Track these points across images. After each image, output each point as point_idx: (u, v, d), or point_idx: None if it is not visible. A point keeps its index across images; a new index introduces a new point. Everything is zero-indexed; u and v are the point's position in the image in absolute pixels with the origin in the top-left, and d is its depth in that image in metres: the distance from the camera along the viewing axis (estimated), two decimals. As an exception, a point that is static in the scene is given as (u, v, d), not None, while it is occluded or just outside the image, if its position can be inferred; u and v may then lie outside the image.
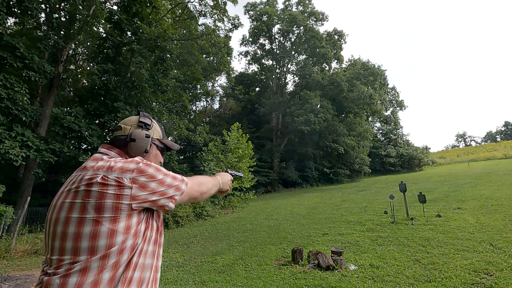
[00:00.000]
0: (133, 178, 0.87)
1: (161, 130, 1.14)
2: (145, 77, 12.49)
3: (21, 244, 6.76)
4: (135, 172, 0.88)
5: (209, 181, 1.15)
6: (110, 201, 0.83)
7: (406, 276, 3.82)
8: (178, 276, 4.55)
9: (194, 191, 1.03)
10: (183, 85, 21.59)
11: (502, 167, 19.46)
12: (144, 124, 1.06)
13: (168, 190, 0.93)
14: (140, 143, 1.03)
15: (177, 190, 0.96)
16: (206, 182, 1.13)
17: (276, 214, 10.92)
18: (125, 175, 0.87)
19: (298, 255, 4.78)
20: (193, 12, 16.84)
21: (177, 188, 0.96)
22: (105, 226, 0.82)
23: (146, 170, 0.90)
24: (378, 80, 31.47)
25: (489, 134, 69.90)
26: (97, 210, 0.82)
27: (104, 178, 0.85)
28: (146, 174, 0.90)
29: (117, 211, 0.83)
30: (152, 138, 1.08)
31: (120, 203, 0.84)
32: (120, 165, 0.89)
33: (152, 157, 1.09)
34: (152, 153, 1.09)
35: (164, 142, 1.14)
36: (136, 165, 0.90)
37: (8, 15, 8.71)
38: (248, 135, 16.79)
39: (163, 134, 1.14)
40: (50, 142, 9.53)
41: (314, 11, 28.95)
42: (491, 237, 5.22)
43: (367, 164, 27.95)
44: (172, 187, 0.95)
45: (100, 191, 0.84)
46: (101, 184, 0.85)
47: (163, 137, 1.14)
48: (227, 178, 1.32)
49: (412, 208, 8.66)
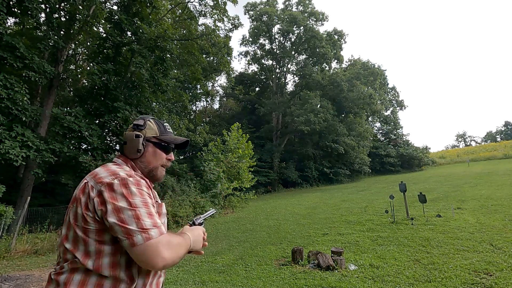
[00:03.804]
0: (100, 191, 0.86)
1: (158, 128, 1.08)
2: (145, 77, 12.49)
3: (21, 244, 6.76)
4: (105, 185, 0.86)
5: (179, 243, 0.92)
6: (80, 210, 0.87)
7: (406, 276, 3.82)
8: (178, 276, 4.55)
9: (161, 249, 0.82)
10: (183, 85, 21.60)
11: (502, 167, 19.46)
12: (136, 125, 1.06)
13: (129, 221, 0.82)
14: (131, 144, 1.03)
15: (142, 230, 0.82)
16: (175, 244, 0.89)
17: (276, 214, 10.92)
18: (97, 186, 0.88)
19: (298, 255, 4.78)
20: (193, 12, 16.84)
21: (142, 228, 0.82)
22: (79, 234, 0.87)
23: (116, 188, 0.86)
24: (378, 80, 31.48)
25: (489, 134, 69.85)
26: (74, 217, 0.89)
27: (85, 185, 0.91)
28: (114, 192, 0.85)
29: (85, 222, 0.86)
30: (146, 137, 1.05)
31: (86, 213, 0.86)
32: (100, 175, 0.91)
33: (150, 156, 1.05)
34: (149, 151, 1.05)
35: (161, 138, 1.07)
36: (112, 180, 0.87)
37: (8, 15, 8.70)
38: (248, 135, 16.83)
39: (160, 131, 1.08)
40: (50, 142, 9.53)
41: (314, 11, 28.95)
42: (491, 237, 5.22)
43: (367, 164, 27.95)
44: (139, 220, 0.83)
45: (78, 198, 0.90)
46: (81, 191, 0.90)
47: (161, 134, 1.08)
48: (198, 233, 1.07)
49: (412, 208, 8.66)
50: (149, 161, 1.05)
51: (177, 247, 0.89)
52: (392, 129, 36.86)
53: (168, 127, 1.14)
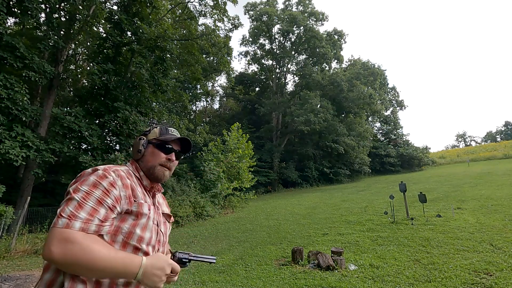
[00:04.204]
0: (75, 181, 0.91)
1: (159, 131, 1.14)
2: (145, 77, 12.49)
3: (21, 244, 6.75)
4: (81, 176, 0.91)
5: (99, 255, 0.77)
6: None
7: (406, 276, 3.82)
8: (178, 276, 4.55)
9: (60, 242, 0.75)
10: (183, 85, 21.61)
11: (502, 167, 19.46)
12: (143, 132, 1.17)
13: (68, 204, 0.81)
14: (134, 146, 1.12)
15: (70, 217, 0.78)
16: (89, 251, 0.76)
17: (276, 214, 10.91)
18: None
19: (298, 255, 4.78)
20: (193, 12, 16.84)
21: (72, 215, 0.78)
22: None
23: (86, 177, 0.89)
24: (378, 80, 31.47)
25: (489, 134, 69.85)
26: None
27: None
28: (82, 179, 0.88)
29: None
30: (148, 140, 1.12)
31: None
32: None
33: (149, 156, 1.10)
34: (148, 151, 1.11)
35: (160, 138, 1.12)
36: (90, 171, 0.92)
37: (8, 15, 8.70)
38: (248, 135, 16.83)
39: (160, 133, 1.14)
40: (50, 142, 9.53)
41: (314, 11, 28.95)
42: (491, 237, 5.22)
43: (367, 164, 27.95)
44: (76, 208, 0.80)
45: None
46: None
47: (161, 135, 1.13)
48: (160, 267, 0.88)
49: (412, 208, 8.66)
50: (148, 160, 1.10)
51: (89, 255, 0.76)
52: (392, 129, 36.86)
53: (173, 130, 1.17)
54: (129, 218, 0.93)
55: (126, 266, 0.82)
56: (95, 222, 0.81)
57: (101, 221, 0.83)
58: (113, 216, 0.88)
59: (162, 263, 0.90)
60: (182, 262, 1.03)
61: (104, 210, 0.85)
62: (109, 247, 0.83)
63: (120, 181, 0.93)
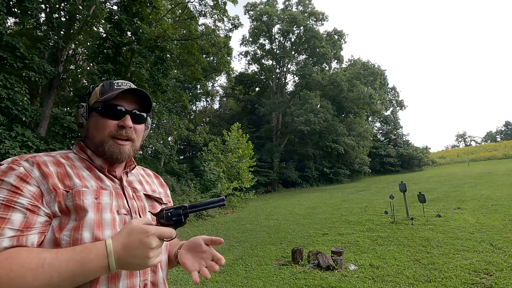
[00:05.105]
0: None
1: (101, 89, 0.82)
2: (145, 77, 12.49)
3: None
4: None
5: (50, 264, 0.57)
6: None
7: (406, 276, 3.82)
8: (178, 276, 4.55)
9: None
10: (183, 85, 21.59)
11: (502, 167, 19.46)
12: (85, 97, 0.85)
13: None
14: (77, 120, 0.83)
15: None
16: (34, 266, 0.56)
17: (276, 214, 10.91)
18: None
19: (298, 255, 4.78)
20: (193, 12, 16.84)
21: None
22: None
23: None
24: (378, 80, 31.46)
25: (489, 134, 69.92)
26: None
27: None
28: None
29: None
30: (89, 106, 0.81)
31: None
32: None
33: (93, 128, 0.79)
34: (91, 122, 0.80)
35: (102, 99, 0.78)
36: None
37: (8, 15, 8.71)
38: (248, 135, 16.82)
39: (102, 91, 0.80)
40: (50, 142, 9.53)
41: (314, 11, 28.95)
42: (491, 237, 5.22)
43: (367, 164, 27.96)
44: None
45: None
46: None
47: (103, 94, 0.80)
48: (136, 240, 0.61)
49: (412, 208, 8.66)
50: (93, 135, 0.79)
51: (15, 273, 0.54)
52: (392, 129, 36.86)
53: (121, 83, 0.85)
54: (69, 221, 0.66)
55: (83, 265, 0.58)
56: (6, 235, 0.58)
57: (18, 231, 0.60)
58: (41, 219, 0.64)
59: (137, 236, 0.61)
60: (174, 220, 0.69)
61: (20, 215, 0.61)
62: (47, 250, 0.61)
63: (37, 171, 0.67)
